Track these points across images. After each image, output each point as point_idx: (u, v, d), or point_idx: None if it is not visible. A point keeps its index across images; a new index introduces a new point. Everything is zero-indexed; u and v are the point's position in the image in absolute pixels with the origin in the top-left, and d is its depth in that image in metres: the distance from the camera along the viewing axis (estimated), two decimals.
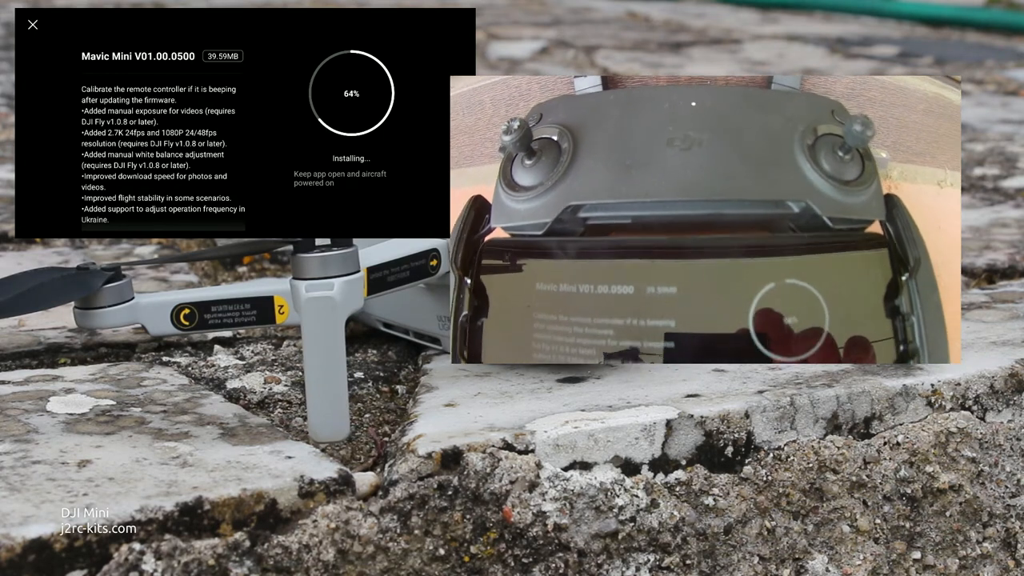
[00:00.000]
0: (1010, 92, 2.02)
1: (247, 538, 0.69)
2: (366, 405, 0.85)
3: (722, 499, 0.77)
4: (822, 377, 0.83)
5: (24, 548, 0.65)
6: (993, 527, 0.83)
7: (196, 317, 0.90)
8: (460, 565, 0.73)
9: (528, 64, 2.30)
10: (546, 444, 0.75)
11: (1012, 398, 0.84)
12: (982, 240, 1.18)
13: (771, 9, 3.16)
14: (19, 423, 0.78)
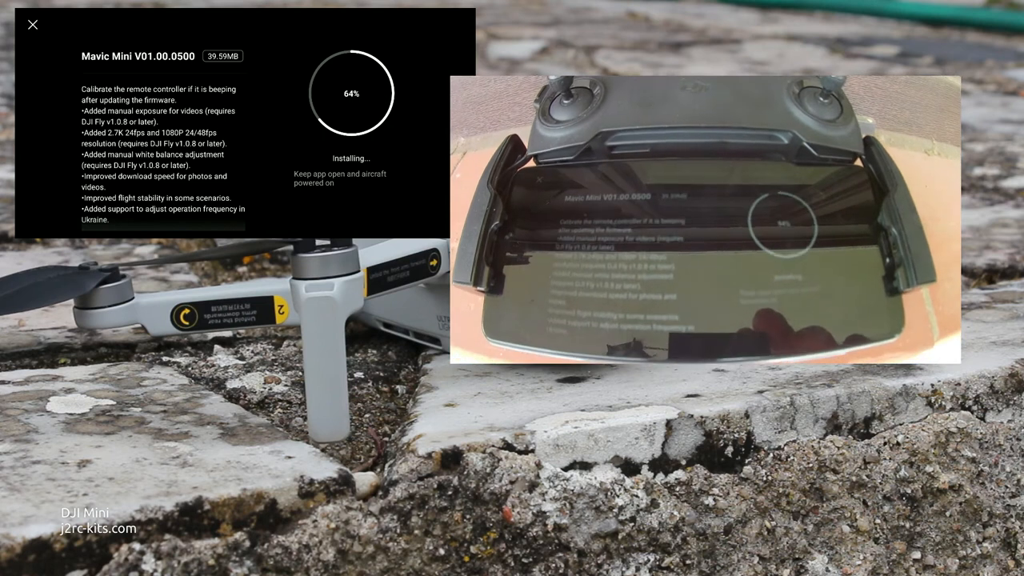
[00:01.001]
0: (1010, 92, 2.02)
1: (247, 538, 0.69)
2: (366, 405, 0.85)
3: (722, 499, 0.77)
4: (822, 377, 0.83)
5: (24, 548, 0.65)
6: (993, 527, 0.83)
7: (196, 317, 0.90)
8: (460, 565, 0.73)
9: (528, 64, 2.30)
10: (546, 444, 0.75)
11: (1012, 398, 0.84)
12: (982, 240, 1.18)
13: (771, 9, 3.16)
14: (19, 423, 0.78)
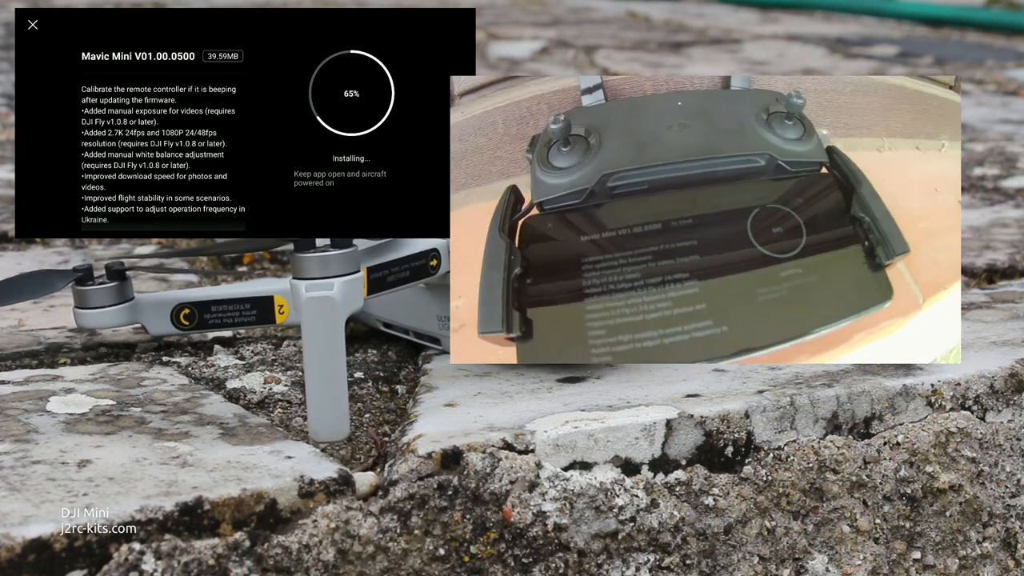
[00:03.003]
0: (1010, 92, 2.02)
1: (247, 538, 0.69)
2: (366, 405, 0.85)
3: (722, 499, 0.77)
4: (822, 377, 0.83)
5: (24, 548, 0.65)
6: (993, 527, 0.83)
7: (196, 317, 0.90)
8: (460, 565, 0.73)
9: (528, 64, 2.30)
10: (546, 444, 0.75)
11: (1012, 398, 0.84)
12: (982, 240, 1.18)
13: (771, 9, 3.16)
14: (19, 423, 0.78)
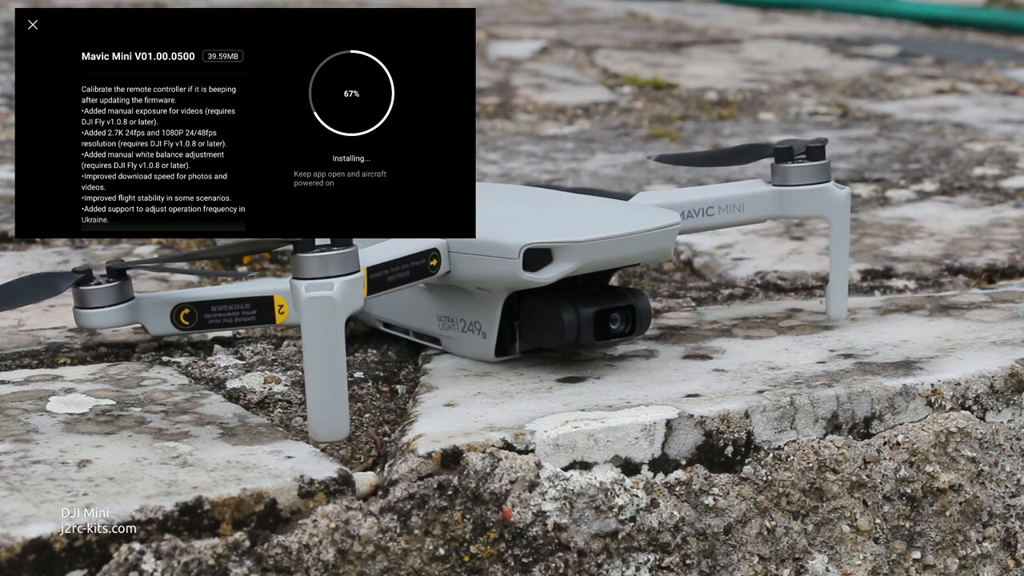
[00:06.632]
0: (1010, 92, 2.02)
1: (247, 538, 0.69)
2: (366, 405, 0.85)
3: (722, 499, 0.77)
4: (822, 377, 0.83)
5: (24, 548, 0.65)
6: (993, 527, 0.83)
7: (196, 317, 0.90)
8: (460, 565, 0.73)
9: (528, 64, 2.30)
10: (546, 444, 0.75)
11: (1012, 398, 0.84)
12: (982, 240, 1.18)
13: (771, 9, 3.16)
14: (19, 423, 0.78)
